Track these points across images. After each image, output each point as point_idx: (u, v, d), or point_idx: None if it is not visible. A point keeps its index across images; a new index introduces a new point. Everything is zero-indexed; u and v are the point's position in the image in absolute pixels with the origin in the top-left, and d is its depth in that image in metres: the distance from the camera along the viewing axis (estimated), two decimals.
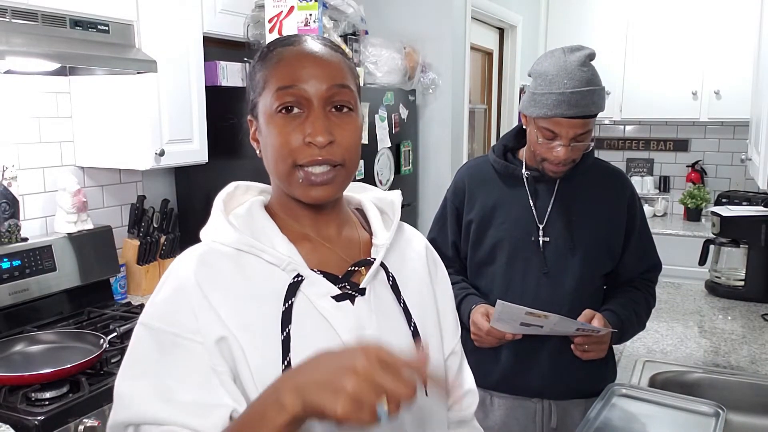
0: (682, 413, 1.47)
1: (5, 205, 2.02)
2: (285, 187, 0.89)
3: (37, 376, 1.59)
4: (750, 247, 2.55)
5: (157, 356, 0.81)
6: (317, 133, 0.83)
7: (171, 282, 0.85)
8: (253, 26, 2.47)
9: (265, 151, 0.89)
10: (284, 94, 0.85)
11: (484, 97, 4.34)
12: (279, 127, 0.85)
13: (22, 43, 1.74)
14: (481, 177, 1.72)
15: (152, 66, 2.06)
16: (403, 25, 3.30)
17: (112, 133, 2.22)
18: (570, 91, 1.47)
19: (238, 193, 0.95)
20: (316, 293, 0.86)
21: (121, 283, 2.40)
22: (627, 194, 1.68)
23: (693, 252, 2.89)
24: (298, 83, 0.84)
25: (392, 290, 0.93)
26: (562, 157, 1.53)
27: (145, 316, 0.85)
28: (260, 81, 0.88)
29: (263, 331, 0.82)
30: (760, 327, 2.23)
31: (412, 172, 3.25)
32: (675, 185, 4.79)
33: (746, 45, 3.82)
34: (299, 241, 0.90)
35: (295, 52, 0.87)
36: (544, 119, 1.52)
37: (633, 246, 1.68)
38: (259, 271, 0.86)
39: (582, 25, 4.55)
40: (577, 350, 1.58)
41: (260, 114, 0.88)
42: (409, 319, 0.92)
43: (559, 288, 1.62)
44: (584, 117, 1.51)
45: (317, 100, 0.85)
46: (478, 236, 1.69)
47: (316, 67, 0.86)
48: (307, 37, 0.91)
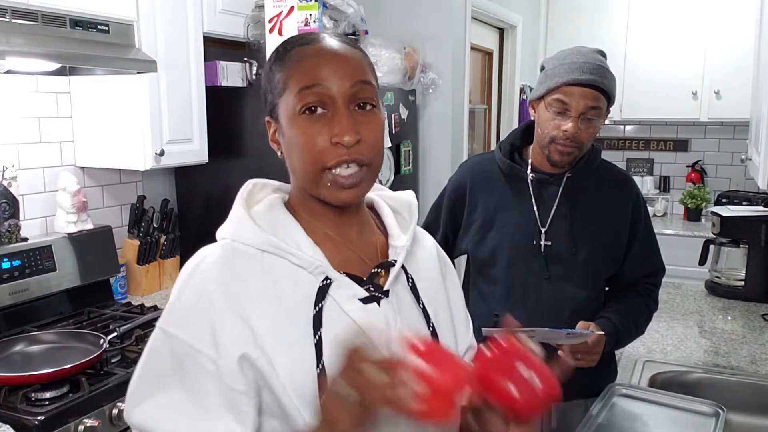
0: (682, 413, 1.47)
1: (5, 205, 2.02)
2: (312, 189, 0.87)
3: (37, 376, 1.59)
4: (750, 247, 2.55)
5: (172, 368, 0.80)
6: (344, 133, 0.81)
7: (194, 286, 0.83)
8: (253, 26, 2.48)
9: (288, 153, 0.87)
10: (307, 94, 0.83)
11: (484, 97, 4.34)
12: (303, 129, 0.83)
13: (22, 43, 1.74)
14: (485, 176, 1.71)
15: (152, 66, 2.06)
16: (403, 25, 3.30)
17: (112, 133, 2.22)
18: (582, 61, 1.50)
19: (255, 191, 0.93)
20: (344, 296, 0.85)
21: (121, 283, 2.40)
22: (632, 198, 1.66)
23: (693, 252, 2.89)
24: (321, 82, 0.83)
25: (411, 292, 0.93)
26: (571, 131, 1.51)
27: (163, 320, 0.83)
28: (279, 82, 0.86)
29: (294, 336, 0.81)
30: (760, 327, 2.23)
31: (412, 172, 3.24)
32: (675, 185, 4.79)
33: (746, 44, 3.82)
34: (322, 242, 0.88)
35: (315, 51, 0.86)
36: (556, 90, 1.51)
37: (635, 250, 1.66)
38: (284, 274, 0.84)
39: (582, 25, 4.55)
40: (569, 360, 1.56)
41: (282, 116, 0.86)
42: (428, 320, 0.93)
43: (561, 293, 1.60)
44: (596, 88, 1.49)
45: (341, 98, 0.83)
46: (480, 237, 1.68)
47: (337, 65, 0.84)
48: (324, 34, 0.89)
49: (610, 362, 1.76)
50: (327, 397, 0.72)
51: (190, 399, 0.79)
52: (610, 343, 1.58)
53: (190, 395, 0.79)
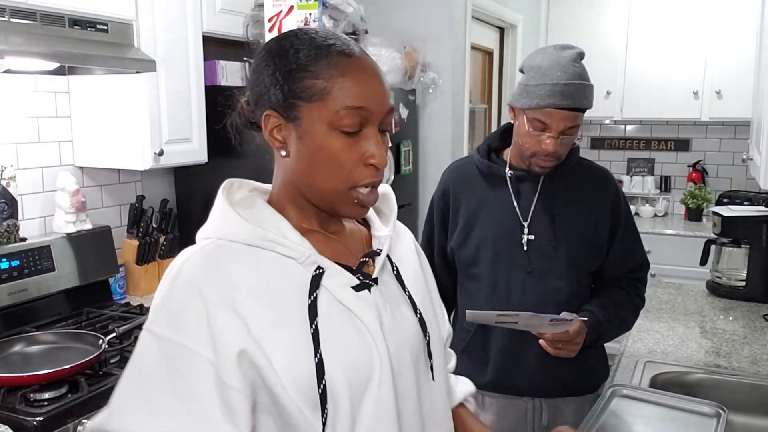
0: (683, 414, 1.46)
1: (4, 205, 2.01)
2: (328, 202, 0.87)
3: (35, 377, 1.58)
4: (751, 247, 2.54)
5: (162, 372, 0.78)
6: (381, 157, 0.85)
7: (181, 287, 0.81)
8: (253, 26, 2.47)
9: (308, 162, 0.85)
10: (353, 114, 0.83)
11: (484, 97, 4.34)
12: (339, 146, 0.83)
13: (21, 43, 1.74)
14: (465, 178, 1.73)
15: (151, 65, 2.06)
16: (403, 25, 3.29)
17: (111, 132, 2.21)
18: (563, 83, 1.49)
19: (233, 189, 0.93)
20: (337, 284, 0.86)
21: (120, 283, 2.39)
22: (611, 192, 1.68)
23: (694, 252, 2.89)
24: (368, 105, 0.83)
25: (397, 280, 0.96)
26: (551, 149, 1.53)
27: (152, 323, 0.81)
28: (311, 87, 0.83)
29: (290, 327, 0.81)
30: (762, 327, 2.22)
31: (412, 171, 3.24)
32: (676, 185, 4.78)
33: (747, 44, 3.82)
34: (309, 234, 0.89)
35: (359, 68, 0.84)
36: (536, 110, 1.52)
37: (618, 245, 1.67)
38: (274, 266, 0.84)
39: (582, 25, 4.54)
40: (549, 348, 1.56)
41: (306, 121, 0.84)
42: (415, 308, 0.95)
43: (544, 287, 1.61)
44: (575, 109, 1.52)
45: (378, 121, 0.85)
46: (463, 237, 1.69)
47: (379, 87, 0.86)
48: (356, 47, 0.87)
49: (603, 360, 1.76)
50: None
51: (182, 405, 0.77)
52: (592, 336, 1.59)
53: (182, 400, 0.77)
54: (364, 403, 0.84)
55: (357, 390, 0.83)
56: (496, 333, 1.65)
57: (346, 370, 0.82)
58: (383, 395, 0.85)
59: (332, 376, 0.81)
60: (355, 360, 0.84)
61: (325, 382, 0.80)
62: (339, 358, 0.82)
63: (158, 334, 0.79)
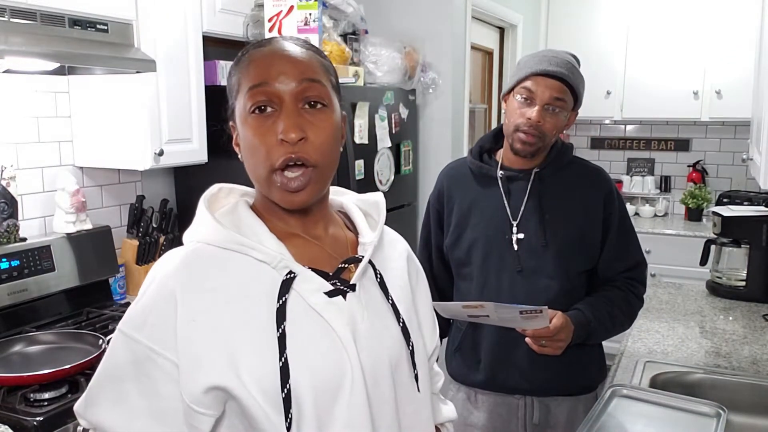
0: (683, 414, 1.47)
1: (4, 205, 2.01)
2: (265, 191, 0.88)
3: (35, 377, 1.58)
4: (751, 247, 2.54)
5: (130, 372, 0.82)
6: (289, 130, 0.83)
7: (154, 288, 0.84)
8: (253, 26, 2.47)
9: (244, 155, 0.89)
10: (255, 92, 0.85)
11: (484, 97, 4.34)
12: (253, 129, 0.85)
13: (21, 43, 1.73)
14: (458, 179, 1.75)
15: (151, 65, 2.06)
16: (403, 25, 3.29)
17: (111, 132, 2.21)
18: (552, 56, 1.58)
19: (221, 195, 0.96)
20: (308, 289, 0.86)
21: (120, 283, 2.39)
22: (604, 191, 1.67)
23: (694, 252, 2.89)
24: (268, 80, 0.84)
25: (380, 287, 0.94)
26: (534, 119, 1.56)
27: (124, 322, 0.85)
28: (235, 84, 0.89)
29: (257, 330, 0.82)
30: (762, 327, 2.22)
31: (412, 172, 3.24)
32: (676, 185, 4.78)
33: (747, 44, 3.82)
34: (288, 238, 0.89)
35: (265, 53, 0.88)
36: (524, 80, 1.57)
37: (611, 244, 1.67)
38: (248, 270, 0.85)
39: (583, 25, 4.55)
40: (533, 345, 1.56)
41: (237, 117, 0.89)
42: (398, 316, 0.94)
43: (534, 286, 1.62)
44: (562, 80, 1.55)
45: (288, 96, 0.84)
46: (456, 237, 1.71)
47: (285, 64, 0.86)
48: (279, 38, 0.91)
49: (598, 360, 1.75)
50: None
51: (147, 405, 0.81)
52: (580, 334, 1.58)
53: (147, 400, 0.81)
54: (336, 410, 0.83)
55: (325, 396, 0.83)
56: (486, 331, 1.66)
57: (313, 375, 0.82)
58: (356, 402, 0.84)
59: (297, 380, 0.81)
60: (323, 365, 0.83)
61: (289, 386, 0.80)
62: (305, 362, 0.82)
63: (129, 335, 0.83)
